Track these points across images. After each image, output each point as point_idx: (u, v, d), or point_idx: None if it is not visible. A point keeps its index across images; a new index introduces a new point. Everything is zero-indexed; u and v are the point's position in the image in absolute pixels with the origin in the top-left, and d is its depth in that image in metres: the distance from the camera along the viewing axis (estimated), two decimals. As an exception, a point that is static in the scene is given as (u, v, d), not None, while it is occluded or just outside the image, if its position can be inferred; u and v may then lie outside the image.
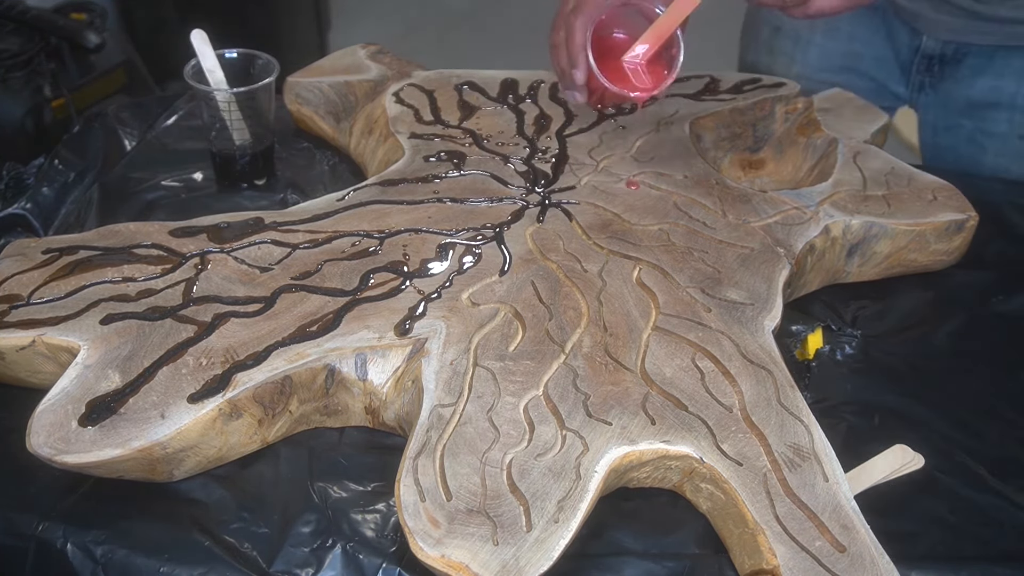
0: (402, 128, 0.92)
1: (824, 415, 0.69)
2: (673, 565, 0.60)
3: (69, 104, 1.60)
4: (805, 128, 0.95)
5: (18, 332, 0.66)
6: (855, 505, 0.60)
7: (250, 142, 0.91)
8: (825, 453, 0.63)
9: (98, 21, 1.69)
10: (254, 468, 0.65)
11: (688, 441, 0.62)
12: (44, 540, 0.60)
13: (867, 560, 0.57)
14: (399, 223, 0.79)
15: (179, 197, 0.92)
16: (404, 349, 0.67)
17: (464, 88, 0.99)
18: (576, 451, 0.61)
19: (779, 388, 0.66)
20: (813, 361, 0.76)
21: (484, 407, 0.63)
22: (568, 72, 0.83)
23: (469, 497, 0.58)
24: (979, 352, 0.78)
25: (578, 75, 0.82)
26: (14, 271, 0.72)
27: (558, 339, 0.68)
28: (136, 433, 0.60)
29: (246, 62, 0.92)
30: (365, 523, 0.62)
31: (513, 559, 0.55)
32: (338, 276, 0.73)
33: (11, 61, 1.55)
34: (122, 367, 0.64)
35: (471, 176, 0.86)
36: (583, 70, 0.81)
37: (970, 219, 0.84)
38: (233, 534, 0.61)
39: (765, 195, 0.85)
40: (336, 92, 1.00)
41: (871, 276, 0.85)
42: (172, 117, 1.04)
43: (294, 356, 0.65)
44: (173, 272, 0.72)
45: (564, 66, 0.84)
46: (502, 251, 0.76)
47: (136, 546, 0.60)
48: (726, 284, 0.75)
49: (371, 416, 0.68)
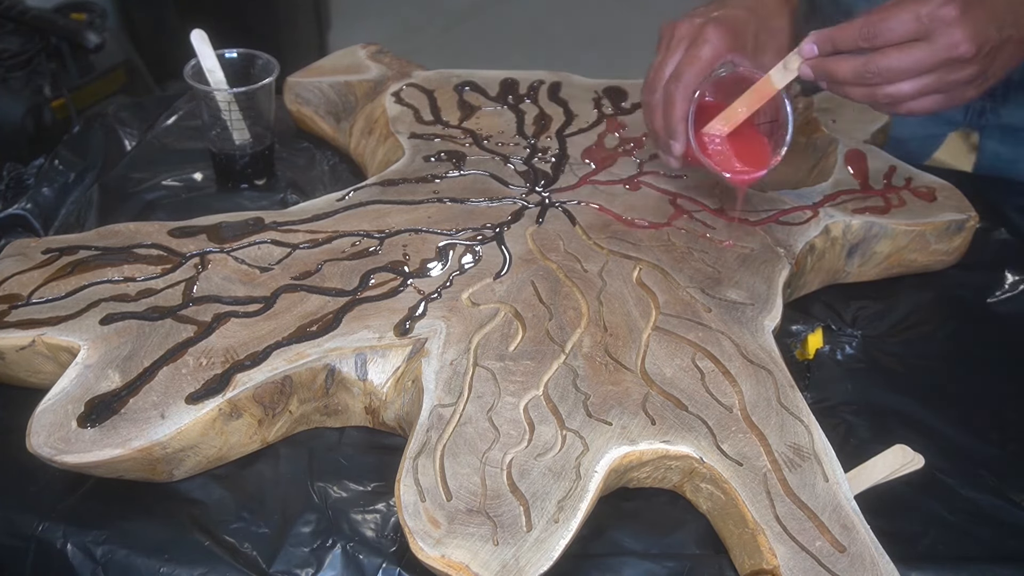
0: (402, 128, 0.92)
1: (824, 415, 0.69)
2: (673, 565, 0.60)
3: (69, 104, 1.60)
4: (805, 128, 0.95)
5: (18, 332, 0.66)
6: (855, 505, 0.60)
7: (250, 142, 0.91)
8: (825, 453, 0.63)
9: (98, 21, 1.69)
10: (254, 468, 0.65)
11: (688, 441, 0.62)
12: (44, 540, 0.60)
13: (867, 560, 0.57)
14: (399, 223, 0.79)
15: (179, 197, 0.92)
16: (404, 349, 0.67)
17: (464, 88, 0.99)
18: (576, 451, 0.61)
19: (779, 388, 0.66)
20: (813, 361, 0.76)
21: (484, 407, 0.63)
22: (664, 140, 0.78)
23: (469, 497, 0.58)
24: (979, 352, 0.78)
25: (676, 148, 0.77)
26: (14, 271, 0.72)
27: (558, 339, 0.68)
28: (136, 433, 0.60)
29: (246, 62, 0.92)
30: (365, 523, 0.62)
31: (513, 559, 0.55)
32: (338, 276, 0.73)
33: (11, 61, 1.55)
34: (122, 367, 0.64)
35: (471, 176, 0.86)
36: (682, 143, 0.76)
37: (970, 219, 0.84)
38: (233, 534, 0.61)
39: (765, 195, 0.85)
40: (336, 92, 1.00)
41: (871, 276, 0.85)
42: (172, 117, 1.04)
43: (294, 356, 0.65)
44: (173, 272, 0.72)
45: (659, 130, 0.78)
46: (502, 251, 0.76)
47: (136, 546, 0.60)
48: (726, 284, 0.75)
49: (371, 416, 0.68)
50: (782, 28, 0.79)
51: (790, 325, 0.79)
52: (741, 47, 0.76)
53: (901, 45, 0.66)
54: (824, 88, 0.72)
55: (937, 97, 0.69)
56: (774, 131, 0.77)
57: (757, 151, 0.78)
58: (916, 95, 0.68)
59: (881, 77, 0.67)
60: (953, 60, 0.66)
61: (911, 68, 0.67)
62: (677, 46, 0.77)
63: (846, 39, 0.68)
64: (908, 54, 0.66)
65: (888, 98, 0.69)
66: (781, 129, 0.75)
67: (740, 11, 0.77)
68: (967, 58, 0.66)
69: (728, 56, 0.75)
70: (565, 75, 1.02)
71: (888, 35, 0.66)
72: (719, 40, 0.74)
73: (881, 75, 0.67)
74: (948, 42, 0.65)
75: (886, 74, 0.67)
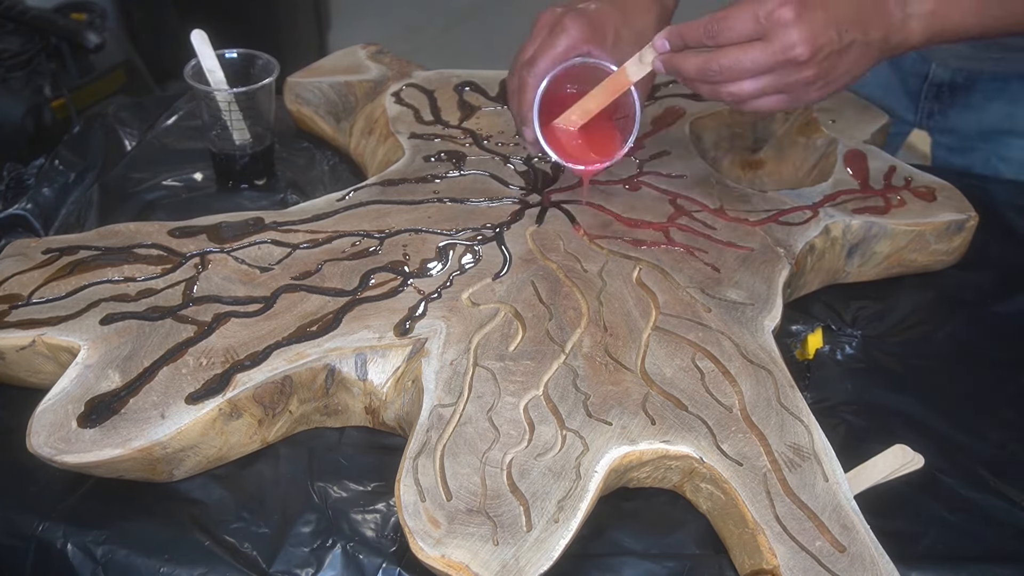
0: (402, 128, 0.92)
1: (824, 415, 0.69)
2: (673, 565, 0.60)
3: (69, 104, 1.60)
4: (805, 128, 0.95)
5: (18, 332, 0.66)
6: (855, 505, 0.60)
7: (250, 142, 0.91)
8: (825, 453, 0.63)
9: (98, 21, 1.69)
10: (254, 468, 0.65)
11: (688, 441, 0.62)
12: (44, 540, 0.60)
13: (867, 560, 0.57)
14: (399, 223, 0.79)
15: (179, 197, 0.92)
16: (404, 349, 0.67)
17: (464, 88, 0.99)
18: (576, 451, 0.61)
19: (779, 388, 0.66)
20: (813, 361, 0.76)
21: (484, 407, 0.63)
22: (518, 125, 0.79)
23: (469, 497, 0.58)
24: (979, 352, 0.78)
25: (527, 133, 0.77)
26: (14, 271, 0.72)
27: (558, 339, 0.68)
28: (136, 433, 0.60)
29: (246, 62, 0.92)
30: (365, 523, 0.62)
31: (513, 559, 0.55)
32: (338, 276, 0.73)
33: (11, 61, 1.55)
34: (122, 367, 0.64)
35: (471, 176, 0.86)
36: (531, 129, 0.76)
37: (970, 219, 0.84)
38: (233, 534, 0.61)
39: (765, 195, 0.85)
40: (336, 92, 1.00)
41: (871, 276, 0.85)
42: (172, 117, 1.04)
43: (294, 356, 0.65)
44: (173, 272, 0.72)
45: (515, 116, 0.79)
46: (502, 251, 0.76)
47: (136, 546, 0.60)
48: (726, 284, 0.75)
49: (371, 416, 0.68)
50: (646, 27, 0.78)
51: (790, 325, 0.79)
52: (600, 40, 0.75)
53: (742, 44, 0.67)
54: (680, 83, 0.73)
55: (780, 97, 0.70)
56: (627, 126, 0.77)
57: (609, 144, 0.78)
58: (758, 94, 0.69)
59: (722, 76, 0.68)
60: (789, 61, 0.66)
61: (750, 68, 0.67)
62: (538, 34, 0.77)
63: (693, 35, 0.69)
64: (746, 54, 0.67)
65: (731, 96, 0.70)
66: (631, 123, 0.75)
67: (604, 5, 0.77)
68: (803, 60, 0.66)
69: (585, 47, 0.75)
70: (565, 75, 1.02)
71: (729, 34, 0.67)
72: (577, 31, 0.74)
73: (722, 73, 0.68)
74: (784, 43, 0.66)
75: (727, 73, 0.68)
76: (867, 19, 0.68)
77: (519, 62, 0.77)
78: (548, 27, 0.76)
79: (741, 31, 0.67)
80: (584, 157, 0.78)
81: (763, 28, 0.66)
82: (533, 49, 0.76)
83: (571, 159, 0.77)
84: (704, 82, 0.70)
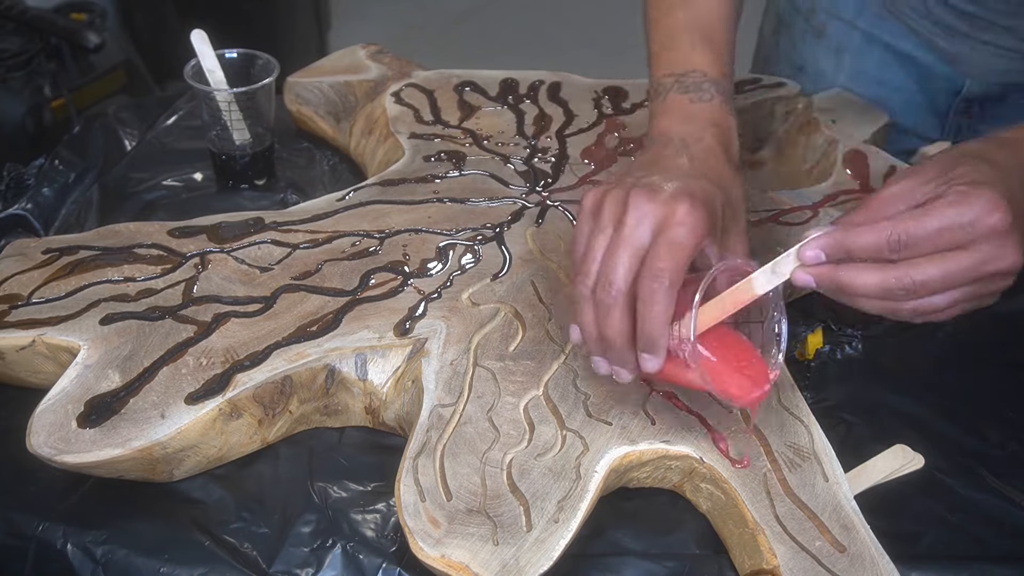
0: (402, 128, 0.92)
1: (824, 415, 0.69)
2: (673, 565, 0.60)
3: (69, 104, 1.60)
4: (805, 128, 0.95)
5: (18, 332, 0.66)
6: (855, 505, 0.60)
7: (250, 142, 0.91)
8: (825, 453, 0.63)
9: (98, 21, 1.70)
10: (254, 468, 0.65)
11: (688, 441, 0.62)
12: (44, 540, 0.60)
13: (867, 560, 0.57)
14: (399, 223, 0.79)
15: (179, 197, 0.92)
16: (404, 349, 0.67)
17: (464, 88, 0.99)
18: (576, 451, 0.61)
19: (779, 388, 0.66)
20: (813, 361, 0.76)
21: (484, 407, 0.63)
22: (625, 351, 0.58)
23: (469, 497, 0.58)
24: (979, 352, 0.78)
25: (651, 363, 0.57)
26: (14, 271, 0.72)
27: (558, 339, 0.68)
28: (136, 433, 0.60)
29: (246, 62, 0.92)
30: (365, 523, 0.62)
31: (513, 559, 0.55)
32: (338, 276, 0.73)
33: (11, 61, 1.55)
34: (122, 367, 0.64)
35: (471, 176, 0.86)
36: (662, 357, 0.57)
37: (970, 219, 0.83)
38: (233, 534, 0.61)
39: (765, 195, 0.85)
40: (336, 92, 1.00)
41: (871, 276, 0.85)
42: (172, 117, 1.03)
43: (294, 356, 0.65)
44: (173, 272, 0.72)
45: (617, 337, 0.58)
46: (502, 251, 0.76)
47: (136, 546, 0.60)
48: (726, 284, 0.75)
49: (371, 416, 0.68)
50: (739, 198, 0.65)
51: (790, 325, 0.78)
52: (714, 229, 0.60)
53: (934, 255, 0.55)
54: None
55: (965, 305, 0.58)
56: (746, 330, 0.61)
57: (734, 351, 0.60)
58: (950, 306, 0.57)
59: (916, 294, 0.55)
60: (998, 273, 0.56)
61: (949, 282, 0.55)
62: (637, 225, 0.57)
63: (866, 246, 0.55)
64: (944, 266, 0.54)
65: (914, 311, 0.57)
66: (767, 334, 0.60)
67: (703, 181, 0.61)
68: (1011, 271, 0.56)
69: (704, 242, 0.58)
70: (565, 75, 1.02)
71: (925, 247, 0.54)
72: (698, 222, 0.57)
73: (916, 292, 0.55)
74: (994, 255, 0.55)
75: (922, 290, 0.55)
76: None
77: (613, 267, 0.57)
78: (652, 217, 0.57)
79: (939, 244, 0.54)
80: (725, 379, 0.59)
81: (968, 237, 0.54)
82: (636, 247, 0.57)
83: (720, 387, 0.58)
84: (884, 299, 0.56)
